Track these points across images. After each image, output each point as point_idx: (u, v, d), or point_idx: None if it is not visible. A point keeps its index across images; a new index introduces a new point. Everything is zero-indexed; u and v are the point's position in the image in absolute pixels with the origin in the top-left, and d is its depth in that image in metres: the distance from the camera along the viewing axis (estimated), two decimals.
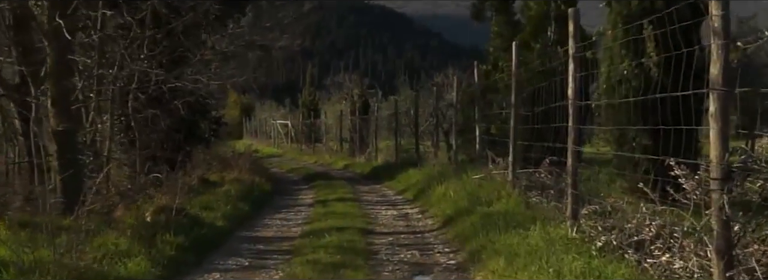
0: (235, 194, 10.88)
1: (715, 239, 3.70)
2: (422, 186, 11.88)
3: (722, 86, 3.62)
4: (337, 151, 25.13)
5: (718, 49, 3.62)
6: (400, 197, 12.26)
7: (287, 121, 32.88)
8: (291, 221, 9.54)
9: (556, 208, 6.54)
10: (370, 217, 9.54)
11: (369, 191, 13.76)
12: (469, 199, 8.57)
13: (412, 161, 16.81)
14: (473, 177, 9.51)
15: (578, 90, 5.91)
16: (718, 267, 3.67)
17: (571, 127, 5.96)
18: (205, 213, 8.89)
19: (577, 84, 5.94)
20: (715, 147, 3.66)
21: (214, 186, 11.52)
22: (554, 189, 7.73)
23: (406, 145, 21.42)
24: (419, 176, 13.45)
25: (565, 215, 5.97)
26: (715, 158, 3.67)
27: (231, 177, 12.74)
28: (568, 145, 5.99)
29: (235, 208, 9.86)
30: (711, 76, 3.67)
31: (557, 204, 6.59)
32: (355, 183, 15.69)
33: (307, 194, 13.46)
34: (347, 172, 19.76)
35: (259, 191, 12.59)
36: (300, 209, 11.00)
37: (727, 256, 3.64)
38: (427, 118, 21.39)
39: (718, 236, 3.68)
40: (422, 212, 9.74)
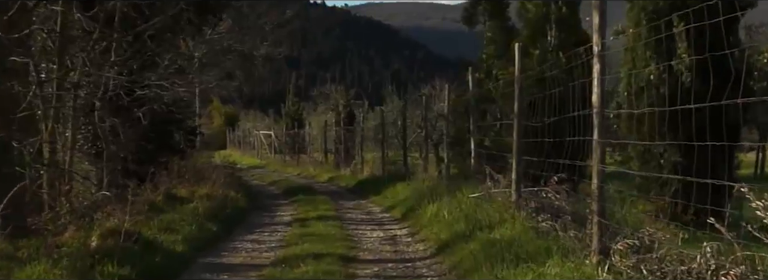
0: (203, 211, 9.64)
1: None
2: (411, 204, 10.70)
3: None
4: (321, 162, 23.92)
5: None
6: (387, 216, 11.07)
7: (271, 132, 31.62)
8: (264, 243, 8.32)
9: (575, 238, 5.37)
10: (354, 240, 8.34)
11: (353, 208, 12.56)
12: (467, 221, 7.40)
13: (400, 174, 15.63)
14: (470, 196, 8.34)
15: (603, 96, 4.78)
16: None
17: (596, 142, 4.82)
18: (163, 236, 7.65)
19: (603, 88, 4.81)
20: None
21: (181, 203, 10.28)
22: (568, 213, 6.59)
23: (393, 156, 20.29)
24: (408, 191, 12.27)
25: (591, 249, 4.81)
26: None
27: (202, 192, 11.49)
28: (593, 162, 4.85)
29: (200, 229, 8.62)
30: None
31: (576, 233, 5.43)
32: (339, 198, 14.48)
33: (286, 211, 12.24)
34: (331, 185, 18.55)
35: (233, 207, 11.35)
36: (276, 228, 9.78)
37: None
38: (415, 130, 20.27)
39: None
40: (412, 235, 8.55)
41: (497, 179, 8.44)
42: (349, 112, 24.23)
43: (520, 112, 7.31)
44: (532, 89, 10.58)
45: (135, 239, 6.73)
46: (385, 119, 18.78)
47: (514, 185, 7.19)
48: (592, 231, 4.82)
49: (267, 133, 32.13)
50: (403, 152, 16.77)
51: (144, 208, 8.80)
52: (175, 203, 10.21)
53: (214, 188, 12.22)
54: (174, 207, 9.75)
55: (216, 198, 11.31)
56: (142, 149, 13.85)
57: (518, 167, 7.20)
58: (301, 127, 28.63)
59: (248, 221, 10.59)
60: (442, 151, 17.96)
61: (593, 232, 4.81)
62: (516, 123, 7.31)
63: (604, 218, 4.78)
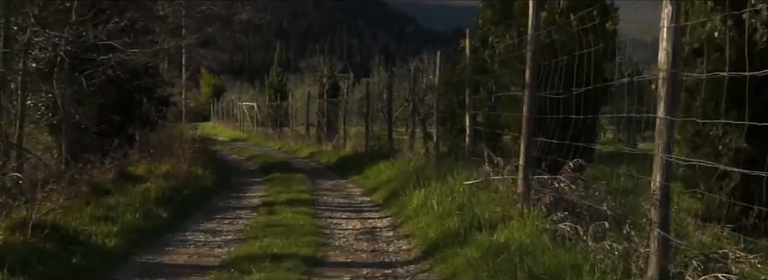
0: (156, 194, 8.12)
1: None
2: (395, 186, 9.24)
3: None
4: (303, 136, 22.35)
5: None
6: (368, 200, 9.60)
7: (253, 104, 29.92)
8: (220, 235, 6.83)
9: (614, 252, 3.90)
10: (325, 233, 6.86)
11: (331, 189, 11.07)
12: (461, 216, 5.93)
13: (384, 151, 14.14)
14: (464, 183, 6.86)
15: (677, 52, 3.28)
16: None
17: (664, 120, 3.31)
18: (95, 228, 6.14)
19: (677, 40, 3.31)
20: None
21: (134, 182, 8.75)
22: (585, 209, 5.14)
23: (377, 131, 18.78)
24: (391, 171, 10.80)
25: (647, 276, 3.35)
26: None
27: (163, 169, 9.96)
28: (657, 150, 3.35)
29: (146, 216, 7.11)
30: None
31: (616, 245, 3.95)
32: (317, 177, 12.99)
33: (257, 191, 10.74)
34: (311, 161, 17.04)
35: (196, 187, 9.82)
36: (240, 214, 8.29)
37: None
38: (402, 104, 18.73)
39: None
40: (394, 228, 7.08)
41: (497, 162, 6.95)
42: (334, 84, 22.62)
43: (533, 80, 5.78)
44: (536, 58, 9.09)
45: (46, 234, 5.20)
46: (370, 92, 17.20)
47: (522, 172, 5.71)
48: (650, 249, 3.36)
49: (250, 105, 30.45)
50: (389, 127, 15.26)
51: (82, 190, 7.26)
52: (127, 182, 8.68)
53: (178, 165, 10.68)
54: (123, 188, 8.22)
55: (177, 176, 9.78)
56: (106, 120, 12.30)
57: (528, 150, 5.71)
58: (284, 99, 26.99)
59: (210, 205, 9.08)
60: (430, 127, 16.48)
61: (651, 250, 3.34)
62: (527, 95, 5.79)
63: (668, 231, 3.31)
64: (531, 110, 5.75)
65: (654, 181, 3.33)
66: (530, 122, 5.74)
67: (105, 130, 12.07)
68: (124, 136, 12.38)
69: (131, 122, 13.13)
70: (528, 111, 5.74)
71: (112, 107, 12.21)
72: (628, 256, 3.66)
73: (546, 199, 5.28)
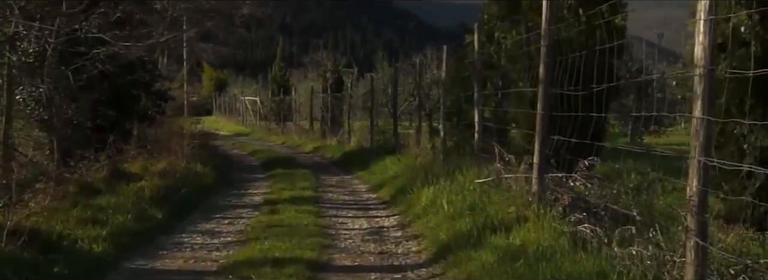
0: (150, 193, 7.76)
1: None
2: (402, 183, 8.88)
3: None
4: (307, 131, 21.99)
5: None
6: (374, 197, 9.24)
7: (256, 98, 29.54)
8: (218, 237, 6.47)
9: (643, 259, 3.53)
10: (330, 234, 6.50)
11: (336, 185, 10.72)
12: (473, 216, 5.57)
13: (389, 146, 13.78)
14: (475, 180, 6.49)
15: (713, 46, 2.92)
16: None
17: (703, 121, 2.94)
18: (81, 231, 5.77)
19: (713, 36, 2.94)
20: None
21: (128, 181, 8.39)
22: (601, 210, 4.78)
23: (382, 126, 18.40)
24: (398, 167, 10.44)
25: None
26: None
27: (159, 167, 9.60)
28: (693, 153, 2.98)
29: (139, 217, 6.75)
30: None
31: (644, 251, 3.58)
32: (321, 172, 12.64)
33: (259, 188, 10.40)
34: (315, 156, 16.69)
35: (194, 185, 9.46)
36: (241, 213, 7.94)
37: None
38: (407, 98, 18.35)
39: None
40: (403, 227, 6.71)
41: (508, 160, 6.58)
42: (338, 78, 22.23)
43: (547, 76, 5.41)
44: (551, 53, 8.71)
45: (24, 241, 4.83)
46: (374, 87, 16.81)
47: (536, 171, 5.33)
48: (686, 258, 2.98)
49: (253, 99, 30.06)
50: (394, 121, 14.87)
51: (69, 191, 6.91)
52: (121, 181, 8.32)
53: (175, 162, 10.34)
54: (115, 187, 7.87)
55: (174, 174, 9.43)
56: (101, 115, 11.96)
57: (542, 149, 5.33)
58: (287, 94, 26.59)
59: (209, 204, 8.72)
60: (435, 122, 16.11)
61: (687, 260, 2.97)
62: (541, 92, 5.41)
63: (706, 240, 2.94)
64: (545, 107, 5.37)
65: (690, 186, 2.95)
66: (545, 120, 5.36)
67: (99, 125, 11.75)
68: (120, 131, 12.03)
69: (128, 117, 12.77)
70: (542, 108, 5.36)
71: (107, 102, 11.86)
72: (660, 264, 3.29)
73: (564, 200, 4.91)
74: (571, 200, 4.89)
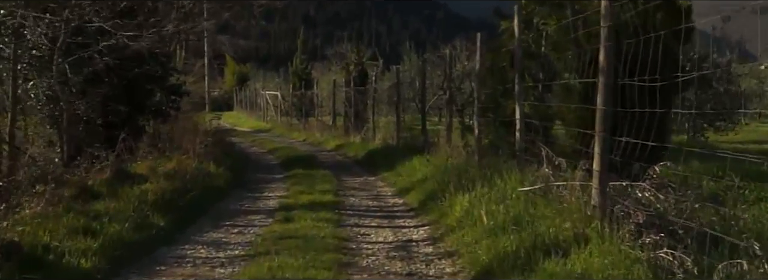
0: (153, 197, 7.15)
1: None
2: (432, 187, 8.18)
3: None
4: (330, 127, 21.36)
5: None
6: (400, 203, 8.54)
7: (277, 93, 28.96)
8: (225, 250, 5.83)
9: None
10: (350, 248, 5.82)
11: (359, 188, 10.05)
12: (519, 232, 4.85)
13: (417, 144, 13.07)
14: (518, 189, 5.76)
15: None
16: None
17: None
18: (71, 243, 5.17)
19: None
20: None
21: (133, 183, 7.79)
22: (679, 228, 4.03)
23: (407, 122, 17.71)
24: (427, 168, 9.74)
25: None
26: None
27: (168, 167, 9.01)
28: None
29: (139, 226, 6.14)
30: None
31: None
32: (343, 173, 11.98)
33: (275, 191, 9.76)
34: (338, 155, 16.04)
35: (205, 187, 8.86)
36: (253, 220, 7.30)
37: None
38: (436, 92, 17.60)
39: None
40: (434, 242, 6.00)
41: (558, 163, 5.83)
42: (362, 71, 21.50)
43: (609, 63, 4.65)
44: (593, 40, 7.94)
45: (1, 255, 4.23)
46: (401, 80, 16.09)
47: (598, 179, 4.58)
48: None
49: (274, 94, 29.50)
50: (422, 117, 14.15)
51: (64, 195, 6.32)
52: (124, 183, 7.73)
53: (186, 161, 9.75)
54: (117, 190, 7.27)
55: (184, 175, 8.83)
56: (112, 111, 11.45)
57: (604, 151, 4.58)
58: (309, 88, 25.98)
59: (219, 209, 8.09)
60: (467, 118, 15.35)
61: None
62: (602, 83, 4.66)
63: None
64: (608, 102, 4.61)
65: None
66: (607, 117, 4.61)
67: (110, 122, 11.24)
68: (133, 128, 11.48)
69: (141, 113, 12.25)
70: (604, 103, 4.61)
71: (118, 97, 11.33)
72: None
73: (638, 217, 4.15)
74: (645, 217, 4.13)
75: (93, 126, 11.25)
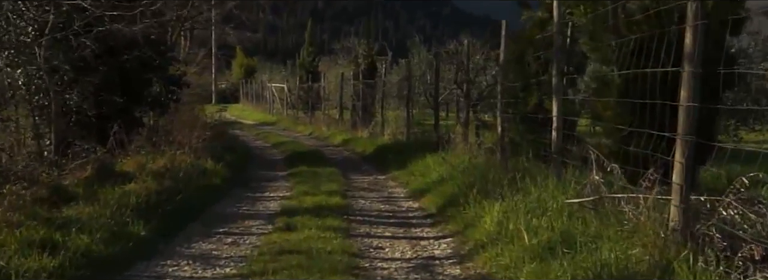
0: (136, 199, 6.13)
1: None
2: (451, 191, 7.17)
3: None
4: (337, 121, 20.33)
5: None
6: (416, 207, 7.51)
7: (284, 85, 27.91)
8: (213, 268, 4.80)
9: None
10: (361, 267, 4.78)
11: (369, 189, 9.04)
12: (573, 257, 3.82)
13: (429, 140, 12.04)
14: (566, 200, 4.73)
15: None
16: None
17: None
18: (24, 261, 4.16)
19: None
20: None
21: (116, 182, 6.79)
22: None
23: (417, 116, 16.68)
24: (443, 168, 8.70)
25: None
26: None
27: (158, 164, 8.00)
28: None
29: (116, 236, 5.12)
30: None
31: None
32: (351, 171, 10.97)
33: (278, 191, 8.76)
34: (345, 150, 15.01)
35: (200, 186, 7.86)
36: (250, 227, 6.29)
37: None
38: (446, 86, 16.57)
39: None
40: (461, 260, 4.96)
41: (611, 169, 4.79)
42: (371, 64, 20.47)
43: (696, 47, 3.60)
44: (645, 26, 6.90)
45: None
46: (411, 72, 15.03)
47: (680, 194, 3.54)
48: None
49: (280, 86, 28.45)
50: (435, 113, 13.11)
51: (27, 199, 5.32)
52: (107, 183, 6.72)
53: (181, 157, 8.74)
54: (96, 192, 6.26)
55: (177, 173, 7.83)
56: (107, 102, 10.44)
57: (688, 160, 3.54)
58: (316, 81, 24.93)
59: (213, 212, 7.07)
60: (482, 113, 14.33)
61: None
62: (688, 73, 3.61)
63: None
64: (693, 96, 3.57)
65: None
66: (692, 116, 3.57)
67: (104, 113, 10.24)
68: (129, 120, 10.47)
69: (137, 104, 11.24)
70: (689, 98, 3.56)
71: (111, 86, 10.32)
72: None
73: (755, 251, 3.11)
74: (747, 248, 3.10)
75: (84, 118, 10.27)
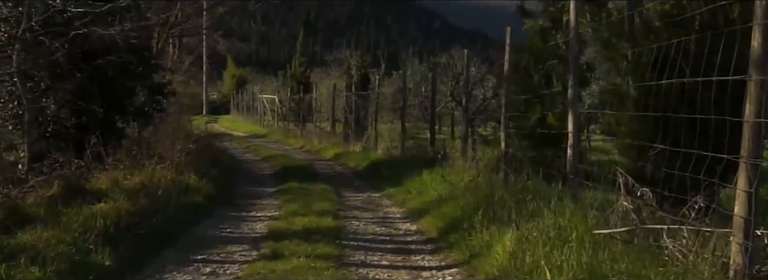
0: (104, 222, 5.43)
1: None
2: (452, 213, 6.51)
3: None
4: (328, 133, 19.67)
5: None
6: (414, 230, 6.84)
7: (275, 96, 27.22)
8: None
9: None
10: None
11: (363, 207, 8.37)
12: None
13: (425, 156, 11.40)
14: (595, 231, 4.08)
15: None
16: None
17: None
18: None
19: None
20: None
21: (84, 201, 6.09)
22: None
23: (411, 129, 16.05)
24: (442, 187, 8.05)
25: None
26: None
27: (136, 180, 7.30)
28: None
29: (75, 268, 4.42)
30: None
31: None
32: (344, 187, 10.31)
33: (266, 210, 8.08)
34: (337, 165, 14.34)
35: (180, 205, 7.16)
36: (232, 254, 5.60)
37: None
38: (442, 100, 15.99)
39: None
40: None
41: (641, 194, 4.14)
42: (363, 76, 19.86)
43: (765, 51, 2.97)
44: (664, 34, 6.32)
45: None
46: (405, 84, 14.40)
47: (742, 229, 2.90)
48: None
49: (271, 97, 27.76)
50: (431, 126, 12.46)
51: None
52: (74, 202, 6.01)
53: (161, 173, 8.04)
54: (60, 213, 5.56)
55: (155, 190, 7.14)
56: (86, 111, 9.73)
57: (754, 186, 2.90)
58: (307, 92, 24.27)
59: (192, 235, 6.37)
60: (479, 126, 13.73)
61: None
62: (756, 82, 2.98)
63: None
64: (761, 110, 2.93)
65: None
66: (760, 134, 2.93)
67: (82, 123, 9.54)
68: (110, 131, 9.77)
69: (122, 114, 10.54)
70: (757, 112, 2.93)
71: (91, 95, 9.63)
72: None
73: None
74: None
75: (61, 128, 9.57)
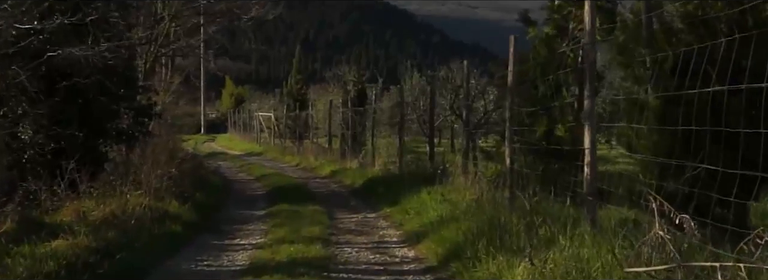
0: (59, 262, 4.71)
1: None
2: (454, 237, 5.80)
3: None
4: (325, 150, 18.96)
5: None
6: (412, 256, 6.10)
7: (271, 114, 26.56)
8: None
9: None
10: None
11: (356, 231, 7.64)
12: None
13: (424, 172, 10.67)
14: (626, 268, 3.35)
15: None
16: None
17: None
18: None
19: None
20: None
21: (39, 238, 5.36)
22: None
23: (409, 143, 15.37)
24: (443, 207, 7.34)
25: None
26: None
27: (105, 210, 6.57)
28: None
29: None
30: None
31: None
32: (338, 208, 9.58)
33: (251, 236, 7.36)
34: (332, 183, 13.62)
35: (153, 237, 6.43)
36: None
37: None
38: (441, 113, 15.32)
39: None
40: None
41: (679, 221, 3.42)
42: (360, 91, 19.21)
43: None
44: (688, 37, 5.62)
45: None
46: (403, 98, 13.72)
47: None
48: None
49: (267, 115, 27.11)
50: (430, 141, 11.74)
51: None
52: (28, 238, 5.29)
53: (136, 200, 7.31)
54: (7, 253, 4.84)
55: (127, 221, 6.41)
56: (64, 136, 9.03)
57: None
58: (304, 109, 23.62)
59: (164, 271, 5.62)
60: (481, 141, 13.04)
61: None
62: None
63: None
64: None
65: None
66: None
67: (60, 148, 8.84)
68: (91, 156, 9.07)
69: (104, 138, 9.84)
70: None
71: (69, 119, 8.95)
72: None
73: None
74: None
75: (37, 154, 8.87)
